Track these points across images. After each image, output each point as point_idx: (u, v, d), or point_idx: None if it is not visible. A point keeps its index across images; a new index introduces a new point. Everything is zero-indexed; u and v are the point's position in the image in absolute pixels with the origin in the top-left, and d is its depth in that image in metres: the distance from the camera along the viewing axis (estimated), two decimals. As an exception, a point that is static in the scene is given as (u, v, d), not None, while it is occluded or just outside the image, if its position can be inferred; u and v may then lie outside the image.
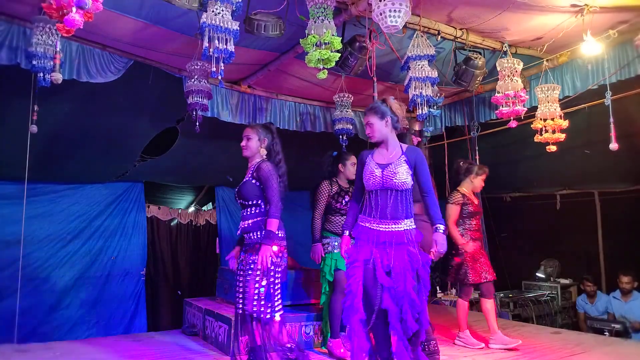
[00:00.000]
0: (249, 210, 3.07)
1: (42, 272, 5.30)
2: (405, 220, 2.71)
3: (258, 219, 3.03)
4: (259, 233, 3.00)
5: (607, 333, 4.92)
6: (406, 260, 2.62)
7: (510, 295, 5.95)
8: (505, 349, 3.94)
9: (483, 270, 4.14)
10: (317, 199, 3.95)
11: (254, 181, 3.05)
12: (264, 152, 3.18)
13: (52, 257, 5.37)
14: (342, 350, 3.70)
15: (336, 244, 3.83)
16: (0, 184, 5.04)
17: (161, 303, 6.43)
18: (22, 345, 4.15)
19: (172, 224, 6.71)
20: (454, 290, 6.55)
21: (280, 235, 3.02)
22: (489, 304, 4.14)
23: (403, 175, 2.69)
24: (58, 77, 3.17)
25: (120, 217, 5.90)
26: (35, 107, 3.49)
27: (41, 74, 3.19)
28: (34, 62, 3.15)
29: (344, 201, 3.90)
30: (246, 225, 3.05)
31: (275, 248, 2.95)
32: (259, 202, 3.05)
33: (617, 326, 5.04)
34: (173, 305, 6.40)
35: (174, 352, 3.92)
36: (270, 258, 2.91)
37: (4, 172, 4.87)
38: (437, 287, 6.71)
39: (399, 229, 2.68)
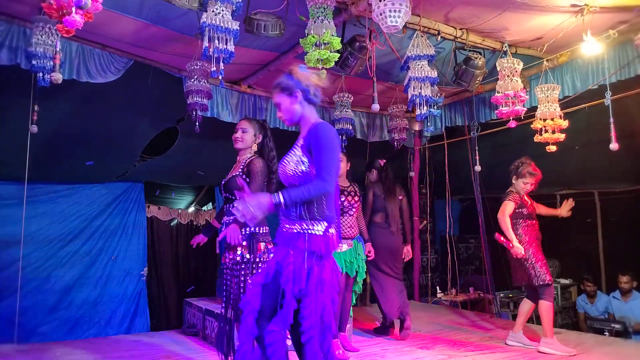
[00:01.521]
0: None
1: (42, 272, 5.31)
2: (304, 222, 2.15)
3: None
4: (242, 230, 2.93)
5: (607, 333, 4.92)
6: (281, 273, 2.11)
7: (510, 296, 5.96)
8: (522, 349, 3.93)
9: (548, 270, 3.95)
10: None
11: (243, 176, 3.02)
12: (255, 148, 3.17)
13: (52, 257, 5.38)
14: (340, 352, 3.70)
15: None
16: (0, 184, 5.04)
17: (161, 303, 6.43)
18: (22, 345, 4.16)
19: (172, 224, 6.71)
20: (454, 290, 6.56)
21: (263, 231, 2.98)
22: (530, 307, 4.05)
23: (290, 165, 2.22)
24: (58, 77, 3.17)
25: (120, 217, 5.91)
26: (36, 107, 3.49)
27: (41, 74, 3.19)
28: (34, 62, 3.15)
29: (339, 200, 3.91)
30: (230, 221, 3.03)
31: (262, 245, 2.92)
32: None
33: (617, 326, 5.05)
34: (173, 306, 6.42)
35: (173, 352, 3.92)
36: (234, 236, 2.79)
37: (4, 172, 4.87)
38: (438, 287, 6.73)
39: (293, 231, 2.17)
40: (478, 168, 5.28)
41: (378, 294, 4.46)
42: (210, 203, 7.39)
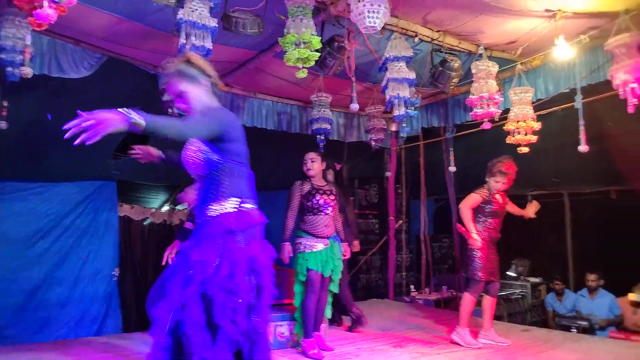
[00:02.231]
0: None
1: (9, 272, 5.13)
2: (211, 205, 2.06)
3: None
4: None
5: (574, 330, 5.06)
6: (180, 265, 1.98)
7: (482, 294, 6.05)
8: (493, 345, 4.01)
9: (494, 270, 4.11)
10: (289, 199, 3.99)
11: None
12: None
13: (20, 257, 5.20)
14: (315, 351, 3.72)
15: (308, 243, 3.85)
16: (-34, 181, 4.87)
17: (134, 304, 6.31)
18: (-12, 349, 4.02)
19: (144, 223, 6.59)
20: (427, 289, 6.65)
21: None
22: (490, 302, 4.18)
23: (189, 153, 2.19)
24: (28, 71, 3.08)
25: (92, 216, 5.75)
26: (5, 103, 3.38)
27: (10, 68, 3.09)
28: (3, 56, 3.05)
29: (314, 200, 3.90)
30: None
31: None
32: None
33: (584, 323, 5.18)
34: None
35: (146, 354, 3.85)
36: None
37: (-29, 169, 4.70)
38: (412, 286, 6.80)
39: (207, 218, 2.07)
40: (453, 169, 5.36)
41: (341, 292, 4.46)
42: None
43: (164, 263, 3.19)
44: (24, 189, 5.29)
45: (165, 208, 7.19)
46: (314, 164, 3.98)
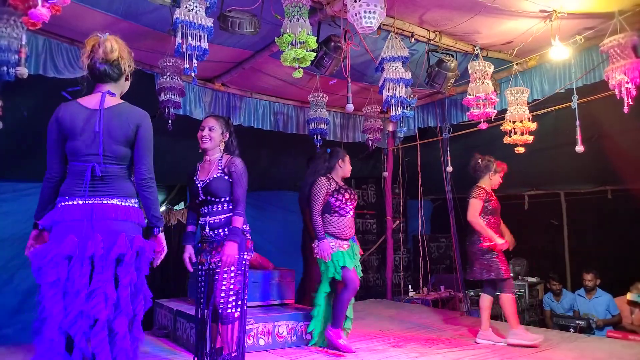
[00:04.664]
0: (218, 206, 2.97)
1: (4, 273, 5.11)
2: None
3: (228, 215, 2.94)
4: (227, 230, 2.91)
5: (572, 329, 5.07)
6: None
7: (480, 294, 6.07)
8: (490, 345, 4.01)
9: (508, 264, 4.14)
10: (315, 196, 3.80)
11: (226, 177, 2.96)
12: (222, 146, 3.09)
13: (15, 257, 5.18)
14: (344, 342, 3.76)
15: (332, 244, 3.81)
16: (-38, 181, 4.85)
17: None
18: (-16, 349, 4.01)
19: (142, 223, 6.57)
20: (425, 289, 6.65)
21: (245, 228, 2.96)
22: (488, 301, 4.18)
23: None
24: (23, 71, 3.06)
25: (87, 217, 5.73)
26: (0, 102, 3.36)
27: (5, 68, 3.08)
28: (-3, 55, 3.04)
29: (342, 198, 3.84)
30: (215, 222, 2.96)
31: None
32: (229, 198, 2.96)
33: (582, 323, 5.20)
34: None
35: (144, 354, 3.84)
36: (234, 256, 2.81)
37: (-34, 169, 4.68)
38: (410, 286, 6.81)
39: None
40: (449, 169, 5.36)
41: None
42: (182, 202, 7.28)
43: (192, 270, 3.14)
44: (18, 189, 5.26)
45: (163, 208, 7.18)
46: (349, 166, 4.04)
